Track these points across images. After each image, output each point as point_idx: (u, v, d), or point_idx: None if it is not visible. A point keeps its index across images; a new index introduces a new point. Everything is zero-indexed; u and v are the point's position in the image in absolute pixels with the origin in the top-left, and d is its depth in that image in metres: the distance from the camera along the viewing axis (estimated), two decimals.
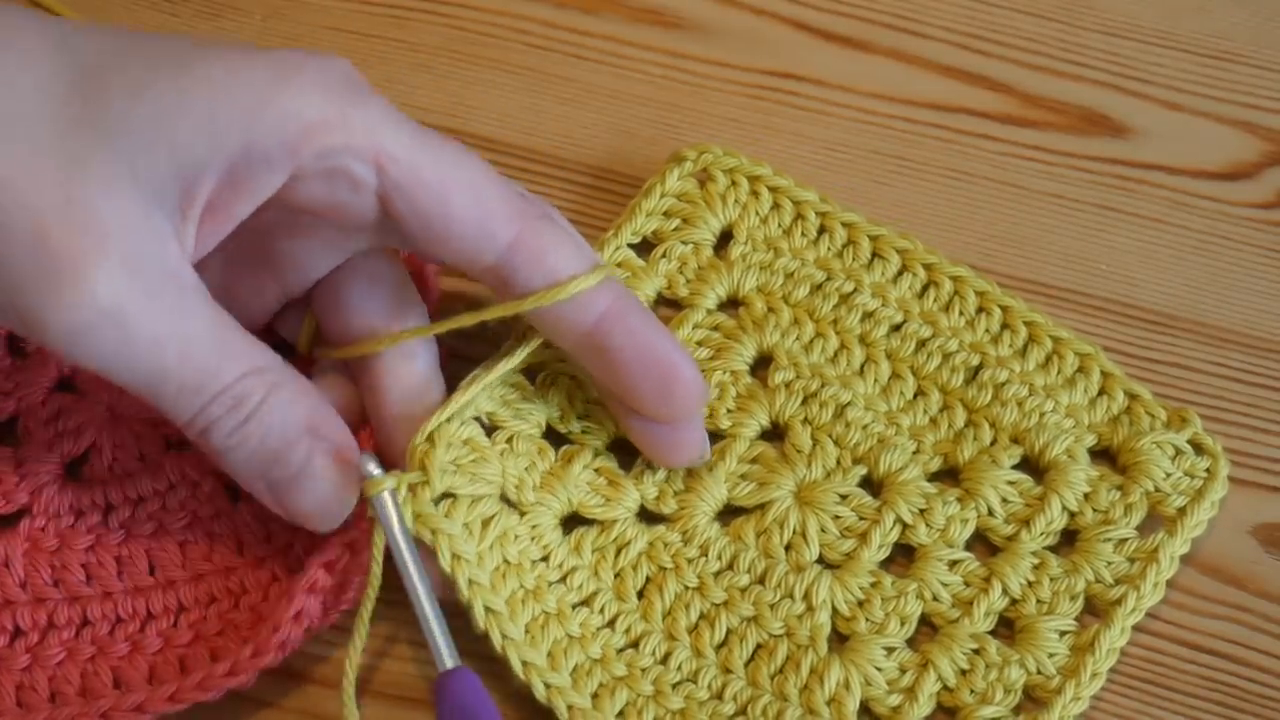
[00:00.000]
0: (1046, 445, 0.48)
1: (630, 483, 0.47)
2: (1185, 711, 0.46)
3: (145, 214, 0.39)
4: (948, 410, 0.49)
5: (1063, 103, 0.57)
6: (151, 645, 0.45)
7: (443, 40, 0.58)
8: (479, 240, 0.42)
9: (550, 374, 0.48)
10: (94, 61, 0.39)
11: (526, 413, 0.47)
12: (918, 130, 0.56)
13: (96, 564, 0.46)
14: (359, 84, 0.41)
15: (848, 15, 0.59)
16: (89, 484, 0.47)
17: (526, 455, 0.46)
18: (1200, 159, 0.55)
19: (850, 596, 0.46)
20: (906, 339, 0.50)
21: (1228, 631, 0.47)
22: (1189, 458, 0.48)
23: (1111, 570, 0.46)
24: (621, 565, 0.46)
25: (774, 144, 0.56)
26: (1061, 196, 0.55)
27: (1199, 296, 0.53)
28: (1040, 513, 0.47)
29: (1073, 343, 0.50)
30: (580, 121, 0.56)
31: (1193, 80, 0.57)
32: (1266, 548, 0.48)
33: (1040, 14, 0.59)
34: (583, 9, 0.58)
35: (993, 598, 0.46)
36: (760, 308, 0.50)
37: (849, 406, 0.49)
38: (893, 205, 0.54)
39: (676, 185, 0.52)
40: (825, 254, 0.51)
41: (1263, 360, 0.51)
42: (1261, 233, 0.54)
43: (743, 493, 0.47)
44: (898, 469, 0.48)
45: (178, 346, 0.40)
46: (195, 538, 0.46)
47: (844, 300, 0.50)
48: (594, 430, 0.48)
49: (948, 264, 0.51)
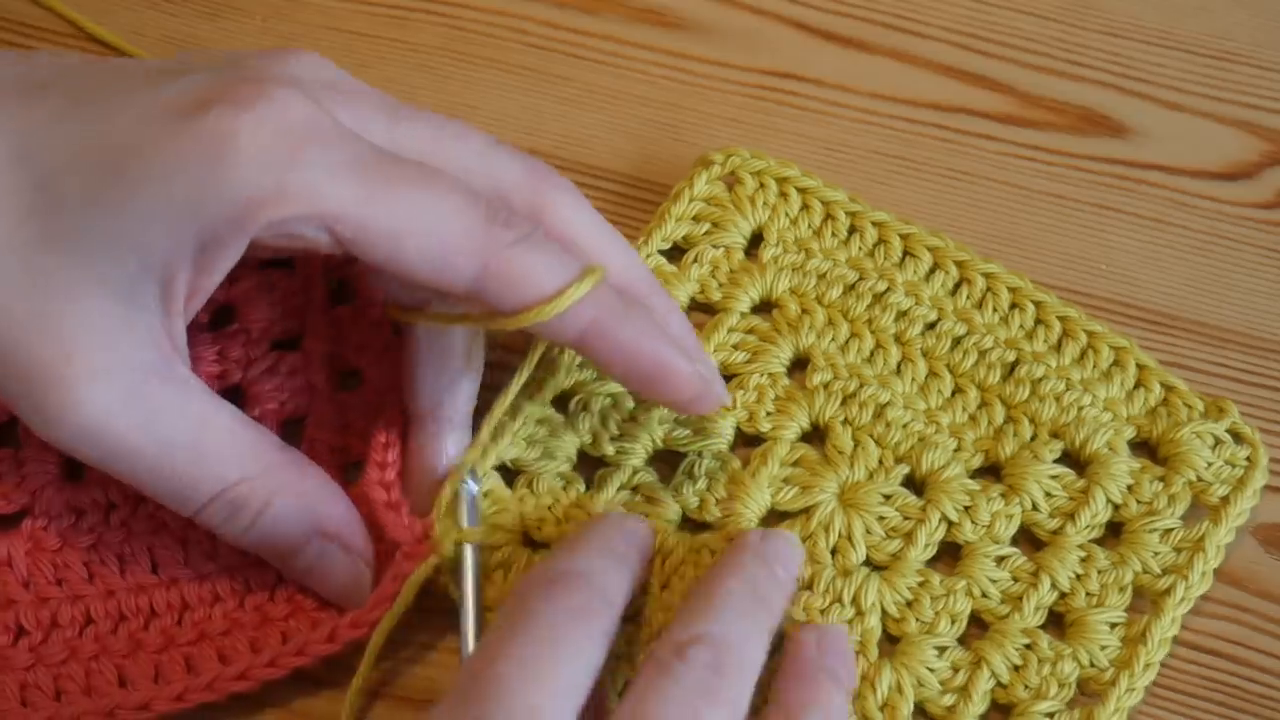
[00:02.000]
0: (1087, 439, 0.48)
1: (669, 495, 0.47)
2: (1185, 711, 0.46)
3: (121, 318, 0.39)
4: (986, 407, 0.49)
5: (1063, 103, 0.57)
6: (154, 643, 0.45)
7: (443, 40, 0.58)
8: (442, 278, 0.41)
9: (584, 397, 0.48)
10: (49, 168, 0.39)
11: (556, 448, 0.47)
12: (918, 130, 0.56)
13: (99, 562, 0.46)
14: (301, 132, 0.39)
15: (848, 15, 0.59)
16: (89, 484, 0.47)
17: (549, 494, 0.47)
18: (1200, 159, 0.55)
19: (899, 597, 0.46)
20: (942, 337, 0.50)
21: (1228, 631, 0.47)
22: (1229, 447, 0.48)
23: (1159, 560, 0.46)
24: (667, 575, 0.45)
25: (774, 144, 0.56)
26: (1061, 196, 0.55)
27: (1199, 296, 0.53)
28: (1085, 506, 0.47)
29: (1107, 336, 0.50)
30: (580, 121, 0.56)
31: (1193, 80, 0.57)
32: (1266, 548, 0.48)
33: (1040, 14, 0.59)
34: (583, 9, 0.58)
35: (1042, 592, 0.46)
36: (794, 309, 0.50)
37: (888, 406, 0.48)
38: (893, 205, 0.54)
39: (705, 189, 0.52)
40: (857, 254, 0.51)
41: (1263, 360, 0.51)
42: (1261, 233, 0.54)
43: (786, 497, 0.47)
44: (940, 467, 0.47)
45: (157, 457, 0.41)
46: (198, 536, 0.46)
47: (878, 300, 0.50)
48: (630, 449, 0.48)
49: (980, 260, 0.51)
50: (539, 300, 0.42)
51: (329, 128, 0.40)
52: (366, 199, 0.40)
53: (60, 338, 0.39)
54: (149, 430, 0.40)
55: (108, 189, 0.39)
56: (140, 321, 0.40)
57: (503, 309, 0.42)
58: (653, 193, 0.54)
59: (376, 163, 0.40)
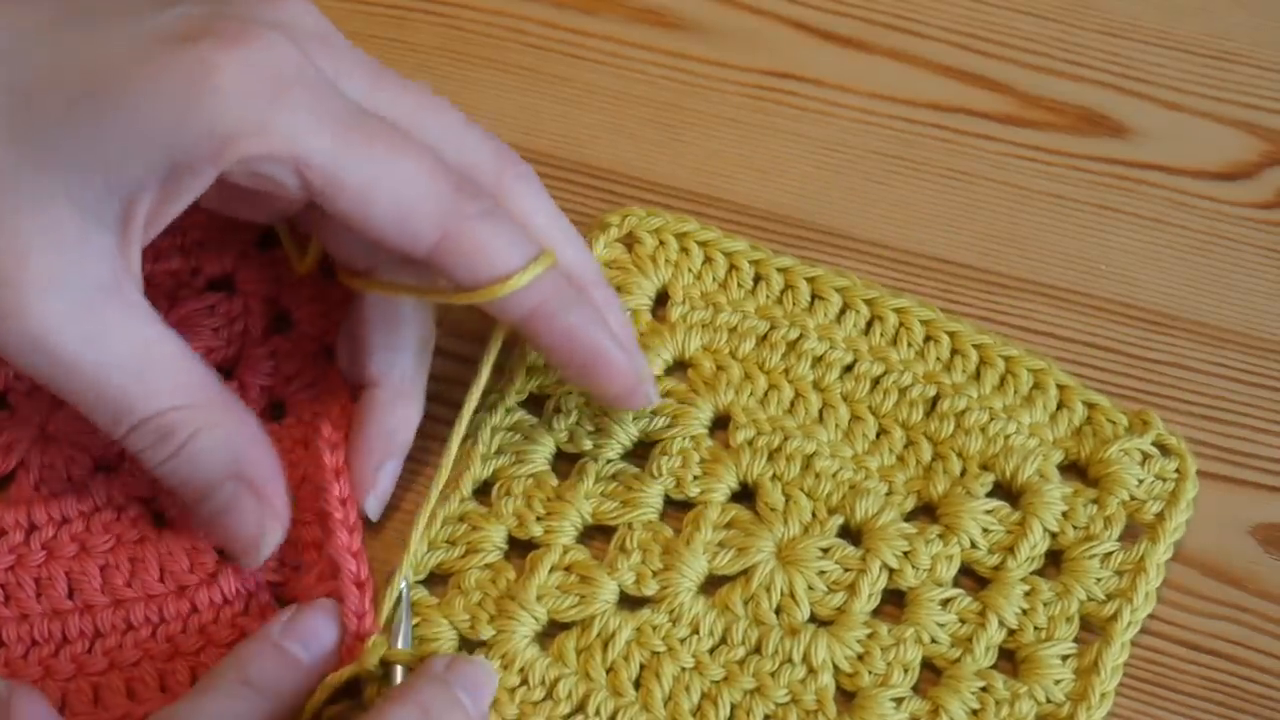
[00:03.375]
0: (1017, 468, 0.47)
1: (604, 573, 0.46)
2: (1185, 711, 0.46)
3: (80, 233, 0.39)
4: (913, 446, 0.48)
5: (1063, 103, 0.57)
6: (64, 670, 0.44)
7: (442, 40, 0.58)
8: (403, 239, 0.42)
9: (505, 484, 0.48)
10: (30, 75, 0.39)
11: (478, 541, 0.47)
12: (917, 130, 0.56)
13: (15, 584, 0.45)
14: (285, 75, 0.40)
15: (848, 15, 0.59)
16: (15, 504, 0.47)
17: (478, 588, 0.46)
18: (1200, 159, 0.55)
19: (849, 652, 0.45)
20: (860, 379, 0.49)
21: (1228, 631, 0.47)
22: (1157, 460, 0.48)
23: (1102, 586, 0.46)
24: (612, 658, 0.45)
25: (774, 144, 0.56)
26: (1061, 196, 0.55)
27: (1199, 296, 0.53)
28: (1023, 538, 0.46)
29: (1025, 359, 0.49)
30: (580, 121, 0.56)
31: (1193, 80, 0.57)
32: (1266, 548, 0.48)
33: (1040, 14, 0.59)
34: (582, 9, 0.58)
35: (990, 631, 0.45)
36: (709, 367, 0.50)
37: (815, 456, 0.48)
38: (893, 205, 0.54)
39: (604, 253, 0.51)
40: (765, 302, 0.51)
41: (1263, 360, 0.51)
42: (1261, 233, 0.54)
43: (723, 561, 0.46)
44: (874, 514, 0.47)
45: (95, 372, 0.40)
46: (117, 561, 0.46)
47: (791, 348, 0.50)
48: (558, 527, 0.47)
49: (889, 296, 0.50)
50: (492, 277, 0.42)
51: (313, 76, 0.41)
52: (342, 150, 0.40)
53: (17, 242, 0.39)
54: (92, 346, 0.40)
55: (86, 106, 0.39)
56: (99, 239, 0.40)
57: (455, 279, 0.42)
58: (653, 193, 0.54)
59: (354, 117, 0.41)
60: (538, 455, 0.48)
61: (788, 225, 0.54)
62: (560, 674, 0.45)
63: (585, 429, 0.48)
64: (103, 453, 0.48)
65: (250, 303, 0.50)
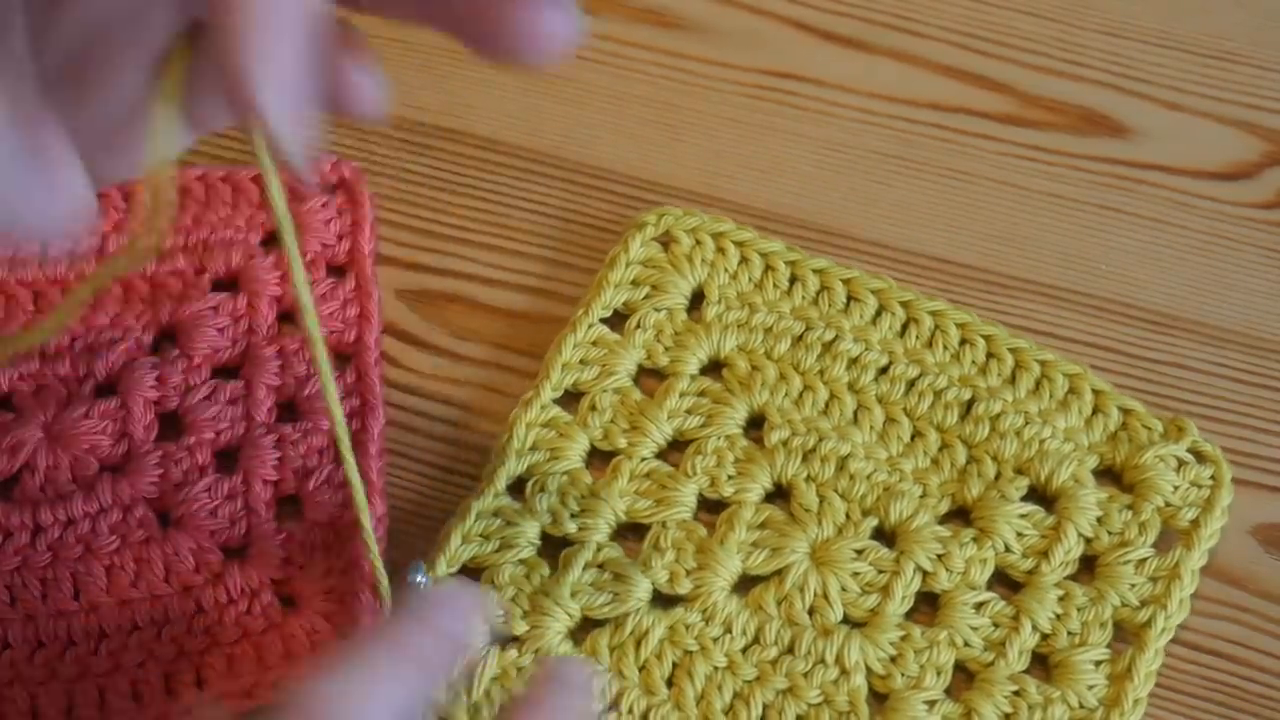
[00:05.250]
0: (1052, 473, 0.47)
1: (637, 571, 0.46)
2: (1185, 711, 0.46)
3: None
4: (948, 449, 0.48)
5: (1063, 103, 0.57)
6: (69, 671, 0.44)
7: (442, 40, 0.57)
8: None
9: (539, 480, 0.47)
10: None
11: (512, 537, 0.46)
12: (917, 130, 0.56)
13: (21, 585, 0.45)
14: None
15: (848, 15, 0.59)
16: (20, 504, 0.47)
17: (512, 584, 0.46)
18: (1200, 159, 0.55)
19: (882, 654, 0.45)
20: (895, 381, 0.49)
21: (1228, 631, 0.47)
22: (1192, 467, 0.48)
23: (1136, 592, 0.46)
24: (645, 657, 0.45)
25: (774, 144, 0.56)
26: (1061, 196, 0.55)
27: (1199, 296, 0.53)
28: (1057, 543, 0.46)
29: (1060, 364, 0.49)
30: (580, 121, 0.56)
31: (1193, 80, 0.57)
32: (1266, 548, 0.48)
33: (1040, 14, 0.59)
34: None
35: (1024, 636, 0.45)
36: (744, 367, 0.50)
37: (849, 458, 0.48)
38: (893, 205, 0.54)
39: (641, 252, 0.51)
40: (801, 303, 0.51)
41: (1263, 360, 0.51)
42: (1261, 233, 0.54)
43: (757, 561, 0.47)
44: (908, 516, 0.47)
45: None
46: (123, 562, 0.46)
47: (827, 349, 0.50)
48: (592, 524, 0.47)
49: (925, 300, 0.50)
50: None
51: None
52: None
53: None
54: None
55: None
56: None
57: None
58: (653, 193, 0.54)
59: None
60: (573, 452, 0.48)
61: (788, 225, 0.54)
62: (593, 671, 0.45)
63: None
64: (108, 454, 0.48)
65: (255, 302, 0.50)
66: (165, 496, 0.47)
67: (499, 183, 0.54)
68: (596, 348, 0.50)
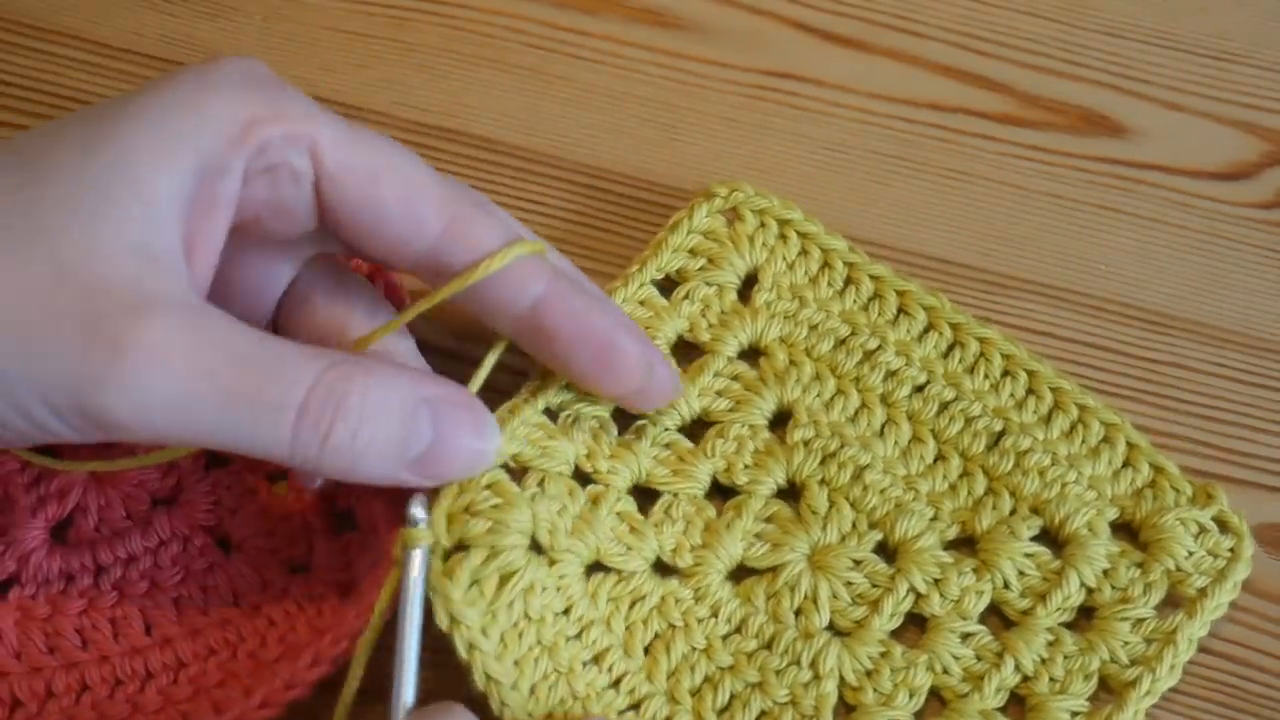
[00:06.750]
0: (1067, 518, 0.47)
1: (651, 530, 0.46)
2: (1185, 711, 0.46)
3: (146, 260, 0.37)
4: (968, 477, 0.48)
5: (1062, 103, 0.57)
6: (152, 704, 0.44)
7: (441, 40, 0.58)
8: (410, 226, 0.41)
9: (573, 414, 0.47)
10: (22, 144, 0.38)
11: (554, 450, 0.45)
12: (917, 130, 0.56)
13: (91, 628, 0.45)
14: (279, 79, 0.41)
15: (848, 15, 0.59)
16: (77, 547, 0.46)
17: (558, 498, 0.44)
18: (1200, 159, 0.55)
19: (858, 666, 0.45)
20: (929, 401, 0.49)
21: (1228, 631, 0.47)
22: (1213, 535, 0.47)
23: (1127, 650, 0.45)
24: (634, 618, 0.45)
25: (773, 144, 0.56)
26: (1061, 196, 0.55)
27: (1199, 296, 0.53)
28: (1057, 588, 0.46)
29: (1099, 411, 0.48)
30: (580, 121, 0.56)
31: (1193, 80, 0.57)
32: (1266, 548, 0.48)
33: (1040, 14, 0.59)
34: (582, 9, 0.58)
35: (1005, 673, 0.45)
36: (782, 360, 0.49)
37: (867, 469, 0.48)
38: (892, 205, 0.54)
39: (704, 223, 0.51)
40: (851, 307, 0.50)
41: (1262, 360, 0.51)
42: (1261, 233, 0.54)
43: (757, 553, 0.47)
44: (914, 536, 0.47)
45: (231, 370, 0.37)
46: (190, 592, 0.46)
47: (867, 357, 0.49)
48: (619, 470, 0.46)
49: (975, 324, 0.50)
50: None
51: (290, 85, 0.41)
52: (353, 134, 0.41)
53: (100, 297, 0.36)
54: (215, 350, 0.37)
55: (94, 140, 0.38)
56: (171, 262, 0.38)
57: (458, 267, 0.41)
58: (653, 193, 0.54)
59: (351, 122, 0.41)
60: (602, 406, 0.47)
61: None
62: (593, 618, 0.44)
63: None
64: (158, 487, 0.47)
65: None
66: (223, 522, 0.47)
67: (498, 183, 0.54)
68: (643, 308, 0.49)
